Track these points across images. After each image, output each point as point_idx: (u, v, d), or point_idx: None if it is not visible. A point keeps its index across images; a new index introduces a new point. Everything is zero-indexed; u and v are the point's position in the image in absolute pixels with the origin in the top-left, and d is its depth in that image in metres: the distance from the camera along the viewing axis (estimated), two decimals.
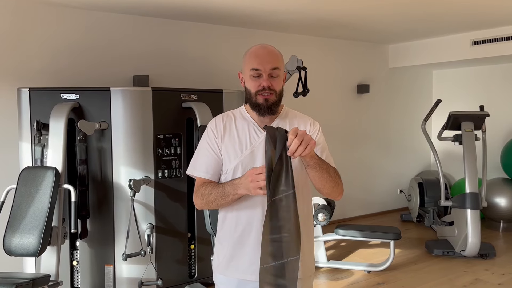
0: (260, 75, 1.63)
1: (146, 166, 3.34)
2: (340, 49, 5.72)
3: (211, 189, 1.65)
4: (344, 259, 4.44)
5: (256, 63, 1.63)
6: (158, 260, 3.39)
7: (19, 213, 2.87)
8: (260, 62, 1.62)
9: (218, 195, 1.62)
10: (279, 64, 1.66)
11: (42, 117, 3.20)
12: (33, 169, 3.03)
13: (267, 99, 1.63)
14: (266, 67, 1.62)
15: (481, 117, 4.63)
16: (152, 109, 3.35)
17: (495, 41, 5.01)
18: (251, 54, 1.67)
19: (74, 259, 3.37)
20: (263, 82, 1.62)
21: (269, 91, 1.63)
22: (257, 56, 1.64)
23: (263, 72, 1.62)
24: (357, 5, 3.95)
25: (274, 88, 1.64)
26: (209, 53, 4.66)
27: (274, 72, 1.63)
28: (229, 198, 1.61)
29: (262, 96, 1.63)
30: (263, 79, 1.63)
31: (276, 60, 1.65)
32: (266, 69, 1.62)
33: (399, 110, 6.41)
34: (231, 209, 1.69)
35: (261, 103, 1.64)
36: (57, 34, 3.85)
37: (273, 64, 1.63)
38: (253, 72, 1.63)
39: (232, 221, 1.70)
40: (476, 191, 4.36)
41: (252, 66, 1.63)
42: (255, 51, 1.67)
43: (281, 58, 1.70)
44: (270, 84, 1.63)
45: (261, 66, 1.62)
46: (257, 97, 1.64)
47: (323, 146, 1.73)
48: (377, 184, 6.23)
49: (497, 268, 4.16)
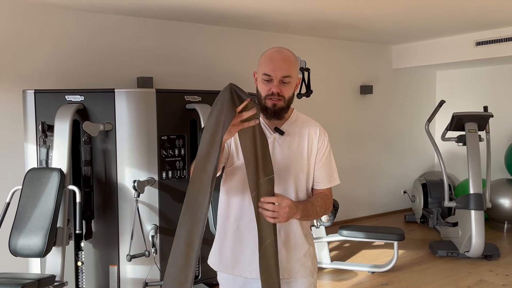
0: (271, 80, 1.64)
1: (150, 167, 3.36)
2: (343, 50, 5.72)
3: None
4: (347, 260, 4.44)
5: (268, 68, 1.64)
6: (162, 261, 3.40)
7: (25, 214, 2.89)
8: (273, 68, 1.63)
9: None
10: (292, 72, 1.66)
11: (47, 119, 3.22)
12: (38, 170, 3.05)
13: (275, 104, 1.65)
14: (277, 74, 1.63)
15: (485, 118, 4.61)
16: (156, 110, 3.36)
17: (498, 41, 5.00)
18: (266, 57, 1.68)
19: (79, 260, 3.38)
20: (273, 88, 1.64)
21: (277, 97, 1.65)
22: (271, 61, 1.65)
23: (274, 78, 1.64)
24: (361, 6, 3.95)
25: (283, 94, 1.65)
26: (213, 54, 4.68)
27: (285, 79, 1.65)
28: None
29: (271, 100, 1.65)
30: (273, 85, 1.64)
31: (289, 68, 1.65)
32: (277, 76, 1.63)
33: (403, 111, 6.40)
34: (229, 210, 1.72)
35: (269, 107, 1.66)
36: (62, 37, 3.87)
37: (285, 72, 1.64)
38: (265, 76, 1.65)
39: (231, 219, 1.72)
40: (480, 192, 4.35)
41: (265, 71, 1.65)
42: (270, 55, 1.67)
43: (295, 64, 1.70)
44: (279, 91, 1.64)
45: (273, 73, 1.63)
46: (266, 101, 1.66)
47: (326, 161, 1.76)
48: (380, 185, 6.23)
49: (501, 269, 4.15)
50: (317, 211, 1.70)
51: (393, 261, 4.06)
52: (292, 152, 1.70)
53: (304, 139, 1.73)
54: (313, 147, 1.74)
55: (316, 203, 1.70)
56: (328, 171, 1.76)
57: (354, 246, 4.85)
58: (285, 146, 1.70)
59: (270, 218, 1.52)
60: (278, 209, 1.52)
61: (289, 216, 1.55)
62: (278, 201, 1.53)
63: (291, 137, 1.72)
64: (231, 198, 1.72)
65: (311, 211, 1.67)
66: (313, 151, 1.74)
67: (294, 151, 1.71)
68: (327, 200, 1.74)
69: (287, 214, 1.54)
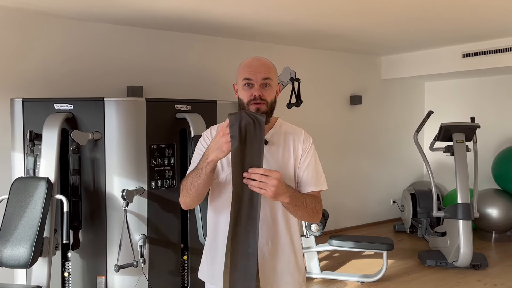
0: (252, 85, 1.65)
1: (139, 176, 3.34)
2: (333, 61, 5.77)
3: (188, 175, 1.67)
4: (337, 270, 4.44)
5: (248, 72, 1.66)
6: (150, 271, 3.37)
7: (11, 224, 2.84)
8: (253, 72, 1.65)
9: (193, 175, 1.62)
10: (271, 75, 1.68)
11: (35, 127, 3.19)
12: (25, 179, 3.01)
13: (259, 108, 1.65)
14: (258, 76, 1.65)
15: (472, 129, 4.68)
16: (146, 119, 3.35)
17: (485, 53, 5.09)
18: (244, 65, 1.70)
19: (66, 270, 3.33)
20: (255, 92, 1.65)
21: (260, 100, 1.65)
22: (249, 67, 1.68)
23: (254, 82, 1.65)
24: (351, 18, 4.00)
25: (265, 98, 1.66)
26: (203, 64, 4.69)
27: (266, 81, 1.66)
28: (203, 172, 1.58)
29: (254, 105, 1.65)
30: (254, 89, 1.65)
31: (268, 71, 1.68)
32: (257, 79, 1.65)
33: (392, 121, 6.46)
34: (219, 218, 1.71)
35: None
36: (51, 45, 3.86)
37: (265, 74, 1.66)
38: (246, 81, 1.66)
39: (219, 238, 1.70)
40: (468, 202, 4.39)
41: (245, 75, 1.66)
42: (248, 62, 1.71)
43: (274, 70, 1.72)
44: (261, 94, 1.65)
45: (253, 76, 1.65)
46: (249, 106, 1.65)
47: (311, 163, 1.73)
48: (370, 194, 6.26)
49: (489, 279, 4.17)
50: (307, 203, 1.63)
51: (382, 271, 4.07)
52: (277, 162, 1.68)
53: (289, 148, 1.72)
54: (298, 153, 1.73)
55: (306, 196, 1.65)
56: (315, 174, 1.72)
57: (343, 256, 4.85)
58: (269, 156, 1.68)
59: (256, 188, 1.46)
60: (266, 180, 1.45)
61: (277, 191, 1.47)
62: (267, 173, 1.46)
63: (276, 147, 1.71)
64: (220, 217, 1.71)
65: (301, 201, 1.61)
66: (298, 158, 1.73)
67: (279, 161, 1.69)
68: (316, 200, 1.68)
69: (275, 188, 1.46)
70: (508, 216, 5.28)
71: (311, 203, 1.65)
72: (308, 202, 1.64)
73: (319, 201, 1.71)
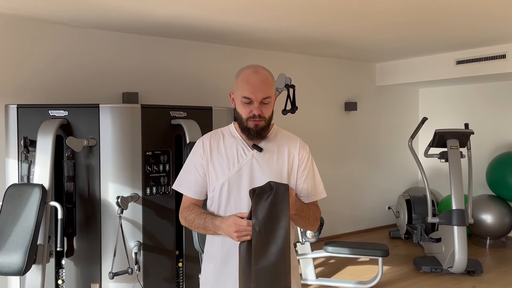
0: (251, 102, 1.65)
1: (134, 183, 3.33)
2: (328, 67, 5.80)
3: (194, 217, 1.69)
4: (333, 276, 4.43)
5: (248, 91, 1.63)
6: (145, 278, 3.35)
7: (4, 231, 2.82)
8: (252, 91, 1.63)
9: (200, 226, 1.68)
10: (271, 92, 1.67)
11: (30, 134, 3.17)
12: (19, 186, 2.99)
13: (257, 125, 1.66)
14: (258, 96, 1.63)
15: (466, 135, 4.70)
16: (141, 126, 3.35)
17: (478, 60, 5.14)
18: (243, 79, 1.66)
19: (60, 278, 3.31)
20: (254, 110, 1.64)
21: (259, 118, 1.65)
22: (249, 84, 1.63)
23: (254, 100, 1.64)
24: (345, 25, 4.03)
25: (264, 115, 1.66)
26: (199, 70, 4.70)
27: (265, 100, 1.65)
28: (210, 232, 1.68)
29: (253, 122, 1.66)
30: (254, 107, 1.64)
31: (268, 89, 1.66)
32: (257, 98, 1.64)
33: (387, 128, 6.49)
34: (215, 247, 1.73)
35: (251, 128, 1.67)
36: (46, 51, 3.85)
37: (265, 93, 1.64)
38: (245, 99, 1.65)
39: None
40: (462, 208, 4.40)
41: (244, 94, 1.64)
42: (248, 77, 1.65)
43: (273, 84, 1.71)
44: (260, 112, 1.65)
45: (253, 95, 1.63)
46: (248, 122, 1.66)
47: (309, 174, 1.75)
48: (365, 201, 6.26)
49: (484, 285, 4.18)
50: (310, 215, 1.70)
51: (378, 277, 4.07)
52: (271, 169, 1.68)
53: (284, 156, 1.72)
54: (294, 162, 1.73)
55: (310, 207, 1.72)
56: (313, 184, 1.75)
57: (339, 262, 4.85)
58: (264, 163, 1.69)
59: None
60: None
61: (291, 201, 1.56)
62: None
63: (270, 154, 1.71)
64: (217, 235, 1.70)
65: (306, 212, 1.69)
66: (294, 167, 1.73)
67: (274, 168, 1.69)
68: (317, 209, 1.75)
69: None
70: (502, 222, 5.30)
71: (313, 213, 1.71)
72: (311, 213, 1.71)
73: (318, 209, 1.77)
